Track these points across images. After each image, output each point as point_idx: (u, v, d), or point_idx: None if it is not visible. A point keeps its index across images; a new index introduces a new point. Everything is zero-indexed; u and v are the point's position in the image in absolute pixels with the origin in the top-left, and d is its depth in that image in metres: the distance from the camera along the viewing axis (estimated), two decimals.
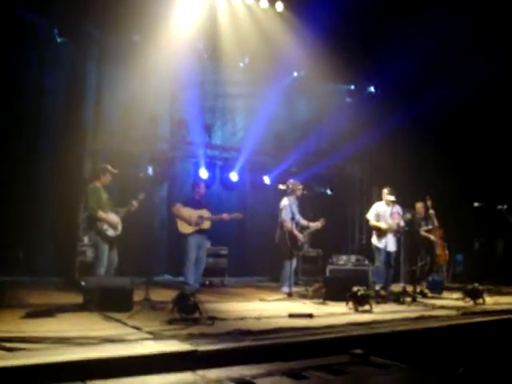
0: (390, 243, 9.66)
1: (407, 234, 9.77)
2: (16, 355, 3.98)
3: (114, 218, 8.06)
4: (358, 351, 3.76)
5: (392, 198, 9.78)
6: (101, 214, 7.94)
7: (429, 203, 10.84)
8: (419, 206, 11.10)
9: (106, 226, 7.92)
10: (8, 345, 4.20)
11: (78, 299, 6.80)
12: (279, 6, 11.66)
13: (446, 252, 11.31)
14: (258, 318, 6.16)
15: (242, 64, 12.83)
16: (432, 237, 10.90)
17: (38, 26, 10.33)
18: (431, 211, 10.85)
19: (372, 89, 14.72)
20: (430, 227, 10.89)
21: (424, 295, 9.49)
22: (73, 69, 10.89)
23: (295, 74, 13.70)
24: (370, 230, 10.51)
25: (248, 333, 5.11)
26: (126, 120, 11.14)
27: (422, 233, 10.85)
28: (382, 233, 9.74)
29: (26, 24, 10.06)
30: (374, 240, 9.85)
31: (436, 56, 11.60)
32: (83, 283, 7.19)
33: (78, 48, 10.85)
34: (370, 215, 9.99)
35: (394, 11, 11.32)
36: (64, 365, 3.83)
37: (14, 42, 9.90)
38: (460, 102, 12.02)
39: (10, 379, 3.53)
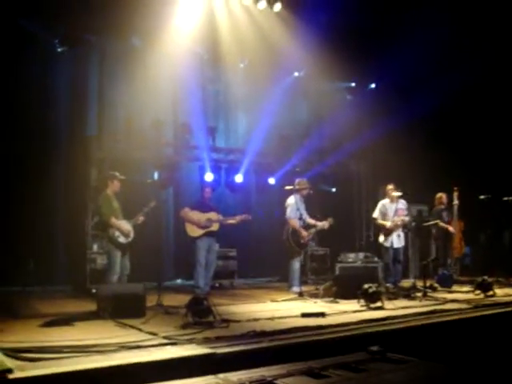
0: (395, 240, 9.78)
1: (416, 229, 9.73)
2: (36, 365, 4.01)
3: (125, 225, 8.10)
4: (375, 348, 3.76)
5: (396, 194, 9.85)
6: (113, 220, 7.98)
7: (455, 194, 10.88)
8: (440, 196, 11.08)
9: (117, 233, 7.95)
10: (28, 355, 4.24)
11: (91, 307, 6.85)
12: (277, 7, 11.58)
13: (462, 245, 11.30)
14: (271, 319, 6.19)
15: (242, 65, 12.84)
16: (451, 228, 10.90)
17: (38, 37, 10.33)
18: (456, 202, 10.86)
19: (373, 86, 14.73)
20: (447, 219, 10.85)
21: (434, 289, 9.45)
22: (75, 77, 10.90)
23: (296, 74, 13.71)
24: (376, 227, 10.54)
25: (263, 334, 5.14)
26: (130, 126, 11.14)
27: (441, 224, 10.72)
28: (387, 231, 9.83)
29: (27, 35, 10.04)
30: (381, 238, 9.98)
31: (437, 51, 11.59)
32: (94, 290, 7.22)
33: (79, 56, 10.86)
34: (376, 213, 10.10)
35: (395, 7, 11.30)
36: (84, 373, 3.86)
37: (15, 53, 9.89)
38: (463, 96, 12.04)
39: None
